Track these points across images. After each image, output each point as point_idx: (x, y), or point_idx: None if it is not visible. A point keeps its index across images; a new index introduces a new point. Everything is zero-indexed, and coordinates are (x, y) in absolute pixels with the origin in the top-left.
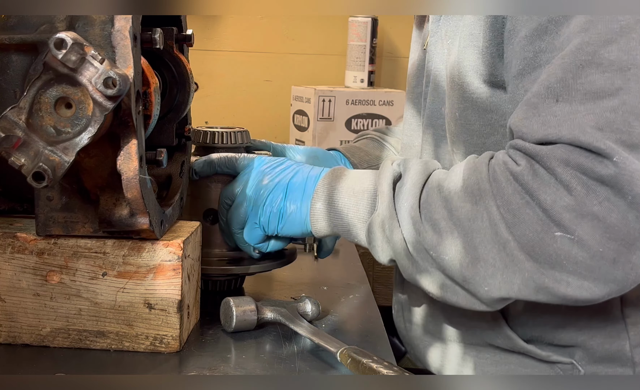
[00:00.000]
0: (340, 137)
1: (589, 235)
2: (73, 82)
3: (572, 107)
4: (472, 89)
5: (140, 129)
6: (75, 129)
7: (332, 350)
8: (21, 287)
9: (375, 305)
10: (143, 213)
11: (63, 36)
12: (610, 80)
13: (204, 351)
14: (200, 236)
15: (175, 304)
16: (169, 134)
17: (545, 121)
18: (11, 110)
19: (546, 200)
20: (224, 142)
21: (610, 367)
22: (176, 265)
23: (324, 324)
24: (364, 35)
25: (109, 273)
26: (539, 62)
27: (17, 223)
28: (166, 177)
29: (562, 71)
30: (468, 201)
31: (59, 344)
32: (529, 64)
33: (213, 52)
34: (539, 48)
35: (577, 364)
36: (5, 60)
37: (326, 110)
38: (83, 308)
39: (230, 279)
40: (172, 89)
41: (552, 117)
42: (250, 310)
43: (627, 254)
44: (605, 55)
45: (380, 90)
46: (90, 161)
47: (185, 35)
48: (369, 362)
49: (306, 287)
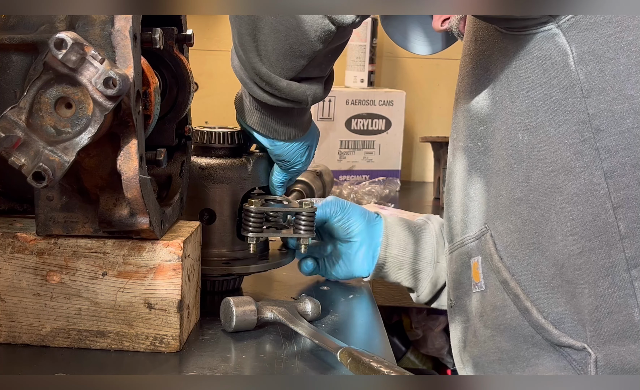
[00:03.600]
0: (340, 137)
1: None
2: (73, 82)
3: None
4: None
5: (140, 129)
6: (75, 129)
7: (332, 350)
8: (21, 287)
9: (375, 305)
10: (143, 213)
11: (63, 36)
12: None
13: (204, 351)
14: (200, 236)
15: (175, 304)
16: (169, 134)
17: None
18: (11, 110)
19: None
20: (223, 143)
21: (623, 344)
22: (176, 265)
23: (324, 324)
24: (364, 35)
25: (109, 273)
26: None
27: (17, 223)
28: (166, 177)
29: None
30: None
31: (59, 344)
32: None
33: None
34: None
35: (588, 348)
36: (5, 60)
37: (326, 110)
38: (83, 308)
39: (229, 279)
40: (172, 89)
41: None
42: (250, 310)
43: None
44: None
45: (380, 90)
46: (90, 161)
47: (185, 35)
48: (369, 362)
49: (306, 287)
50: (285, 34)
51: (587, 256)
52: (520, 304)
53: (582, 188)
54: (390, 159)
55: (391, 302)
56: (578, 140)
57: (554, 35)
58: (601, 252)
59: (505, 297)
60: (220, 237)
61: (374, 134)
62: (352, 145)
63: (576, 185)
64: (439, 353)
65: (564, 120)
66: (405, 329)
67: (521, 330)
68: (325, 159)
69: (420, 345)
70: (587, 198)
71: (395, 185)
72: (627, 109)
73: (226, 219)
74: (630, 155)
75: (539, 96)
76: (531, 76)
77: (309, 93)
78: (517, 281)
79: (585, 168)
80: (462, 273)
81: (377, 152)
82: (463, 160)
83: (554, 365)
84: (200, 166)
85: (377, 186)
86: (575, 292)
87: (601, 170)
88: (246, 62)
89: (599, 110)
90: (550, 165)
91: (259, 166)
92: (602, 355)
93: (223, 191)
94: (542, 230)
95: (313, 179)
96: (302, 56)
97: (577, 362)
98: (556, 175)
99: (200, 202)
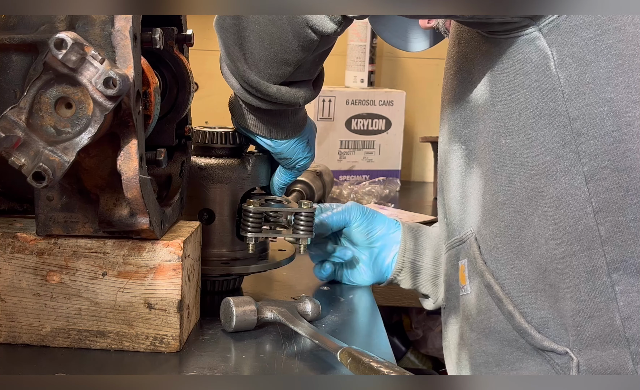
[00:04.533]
0: (340, 137)
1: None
2: (73, 82)
3: None
4: None
5: (140, 129)
6: (75, 129)
7: (332, 350)
8: (21, 287)
9: (375, 305)
10: (143, 213)
11: (63, 36)
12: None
13: (204, 351)
14: (200, 236)
15: (175, 304)
16: (169, 134)
17: None
18: (11, 110)
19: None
20: (223, 143)
21: (604, 349)
22: (176, 265)
23: (324, 324)
24: (364, 35)
25: (109, 273)
26: None
27: (17, 223)
28: (166, 177)
29: None
30: None
31: (59, 344)
32: None
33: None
34: None
35: (570, 352)
36: (5, 60)
37: (326, 110)
38: (83, 308)
39: (229, 279)
40: (172, 89)
41: None
42: (250, 310)
43: None
44: None
45: (380, 90)
46: (90, 161)
47: (185, 35)
48: (369, 362)
49: (306, 287)
50: (270, 43)
51: (569, 260)
52: (504, 308)
53: (563, 192)
54: (390, 159)
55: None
56: (559, 144)
57: (535, 38)
58: (582, 256)
59: (489, 300)
60: (220, 237)
61: (374, 134)
62: (352, 145)
63: (557, 189)
64: (439, 353)
65: (545, 124)
66: (405, 329)
67: (505, 334)
68: (325, 159)
69: (420, 345)
70: (568, 202)
71: (395, 185)
72: (607, 113)
73: (225, 219)
74: (610, 159)
75: (521, 99)
76: (513, 80)
77: (299, 95)
78: (501, 285)
79: (566, 172)
80: (452, 275)
81: (377, 152)
82: (450, 163)
83: (537, 369)
84: (200, 166)
85: (377, 186)
86: (558, 296)
87: (582, 174)
88: (235, 70)
89: (579, 113)
90: (532, 168)
91: (259, 166)
92: (584, 359)
93: (222, 191)
94: (525, 234)
95: (313, 179)
96: (287, 63)
97: (560, 366)
98: (538, 179)
99: (200, 202)
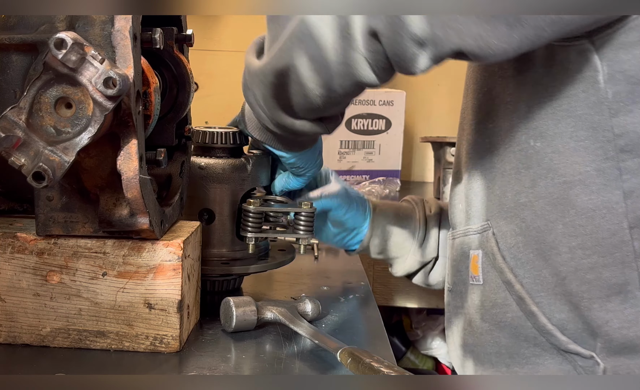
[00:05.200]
0: (340, 137)
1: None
2: (73, 82)
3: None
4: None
5: (140, 129)
6: (75, 129)
7: (332, 350)
8: (21, 287)
9: (375, 305)
10: (143, 213)
11: (63, 36)
12: None
13: (204, 351)
14: (200, 236)
15: (175, 304)
16: (169, 134)
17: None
18: (11, 110)
19: None
20: (223, 143)
21: (633, 358)
22: (176, 265)
23: (324, 324)
24: None
25: (109, 273)
26: None
27: (17, 223)
28: (166, 177)
29: None
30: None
31: (59, 344)
32: None
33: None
34: None
35: (597, 357)
36: (5, 60)
37: None
38: (83, 308)
39: (229, 279)
40: (172, 89)
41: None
42: (250, 310)
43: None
44: None
45: (380, 90)
46: (90, 161)
47: (185, 35)
48: (369, 362)
49: (306, 287)
50: (313, 97)
51: (599, 272)
52: (526, 308)
53: (599, 205)
54: (390, 159)
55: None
56: (601, 158)
57: (586, 50)
58: (615, 268)
59: (507, 296)
60: (220, 237)
61: (374, 134)
62: (352, 145)
63: (593, 200)
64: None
65: (586, 136)
66: (405, 329)
67: (522, 330)
68: (326, 159)
69: (420, 345)
70: (603, 215)
71: (395, 185)
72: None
73: (225, 219)
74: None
75: (564, 107)
76: (557, 86)
77: (330, 127)
78: (521, 284)
79: (606, 185)
80: (461, 262)
81: (377, 152)
82: (469, 152)
83: (556, 367)
84: (200, 166)
85: (377, 186)
86: (580, 305)
87: (621, 190)
88: (269, 115)
89: (625, 130)
90: (562, 176)
91: (259, 166)
92: (610, 365)
93: (222, 191)
94: (545, 239)
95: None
96: (324, 110)
97: (583, 368)
98: (570, 188)
99: (200, 202)
